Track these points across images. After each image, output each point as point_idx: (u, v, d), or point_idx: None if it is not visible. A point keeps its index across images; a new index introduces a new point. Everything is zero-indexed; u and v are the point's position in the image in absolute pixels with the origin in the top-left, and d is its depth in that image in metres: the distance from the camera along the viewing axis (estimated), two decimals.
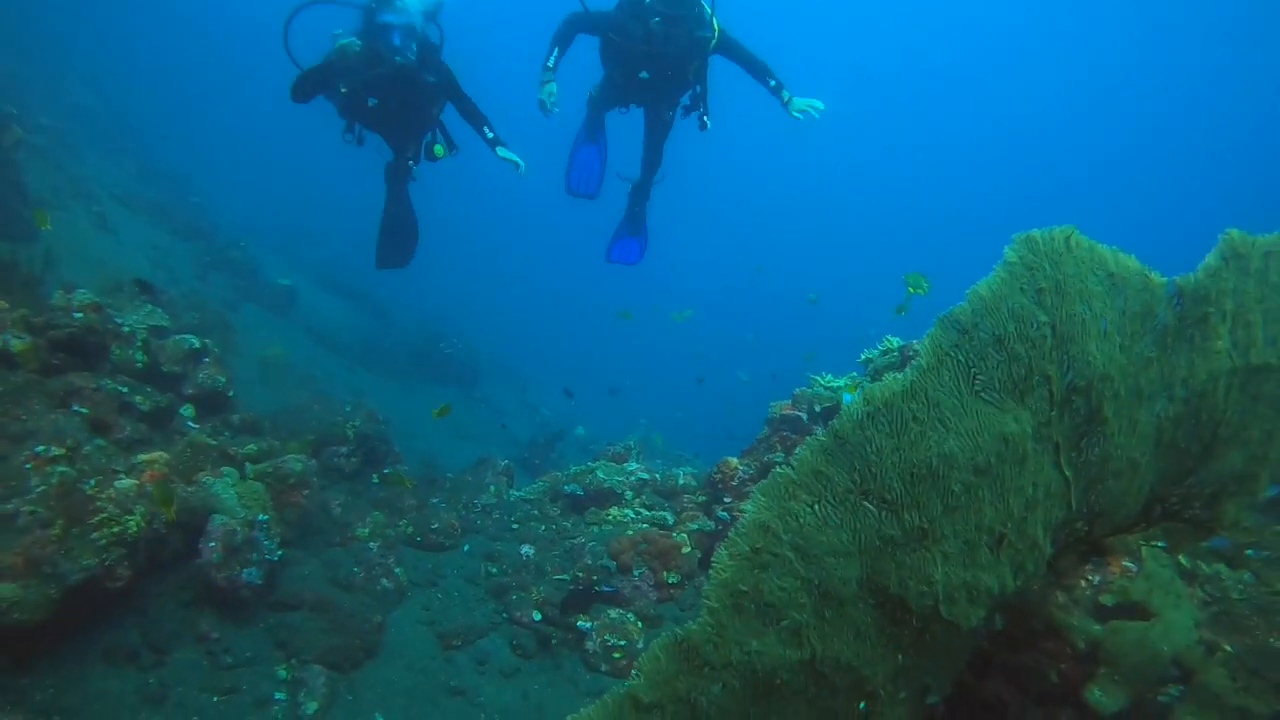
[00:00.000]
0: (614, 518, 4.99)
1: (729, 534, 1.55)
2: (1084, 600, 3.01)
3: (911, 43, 32.97)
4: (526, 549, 4.80)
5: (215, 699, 3.56)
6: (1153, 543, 2.40)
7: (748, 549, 1.52)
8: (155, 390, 4.82)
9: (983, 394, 1.63)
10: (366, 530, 4.67)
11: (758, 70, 5.39)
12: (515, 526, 5.16)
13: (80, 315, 4.55)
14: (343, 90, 4.91)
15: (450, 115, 5.54)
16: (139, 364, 4.86)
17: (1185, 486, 2.18)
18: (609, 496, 5.22)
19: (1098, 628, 2.61)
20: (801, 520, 1.52)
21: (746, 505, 1.55)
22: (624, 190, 6.40)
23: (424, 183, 5.87)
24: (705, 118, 5.63)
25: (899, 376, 1.55)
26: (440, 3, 5.34)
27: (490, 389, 13.95)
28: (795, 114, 5.32)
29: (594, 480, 5.32)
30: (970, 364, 1.60)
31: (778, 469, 1.53)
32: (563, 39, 5.36)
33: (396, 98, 5.01)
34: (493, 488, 5.56)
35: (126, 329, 4.96)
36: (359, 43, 4.79)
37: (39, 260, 5.13)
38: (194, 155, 16.77)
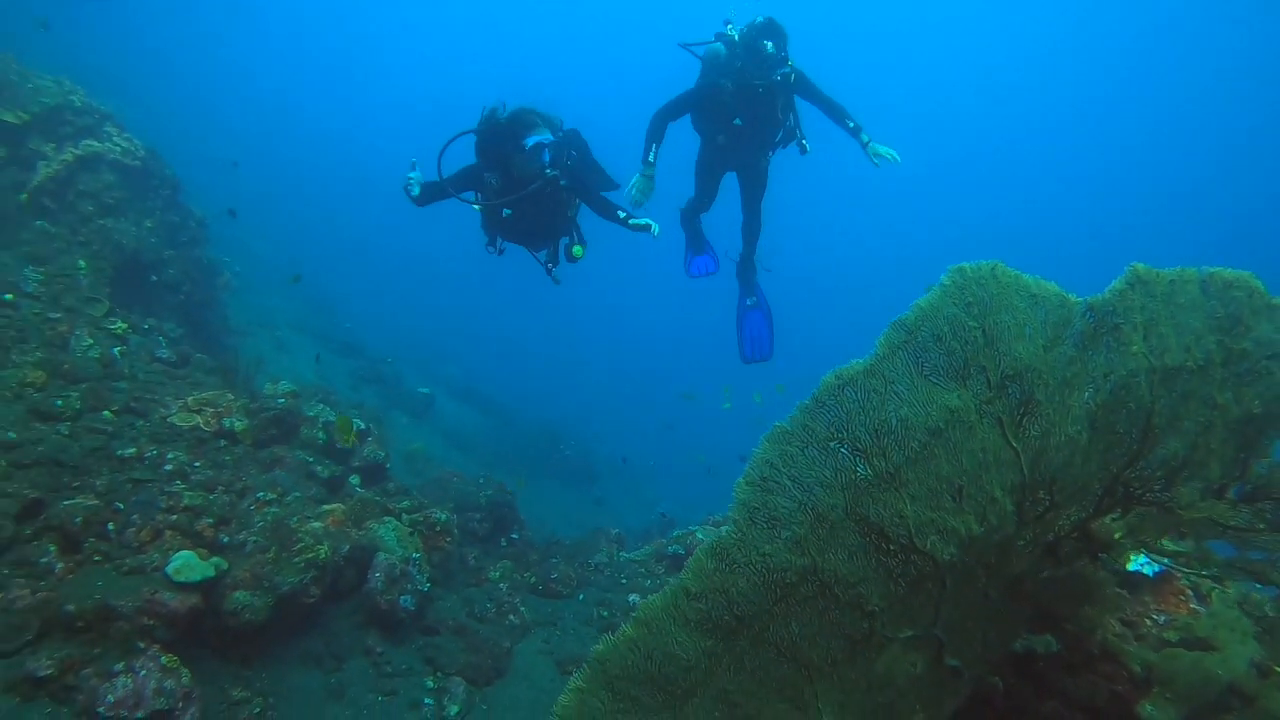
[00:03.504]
0: None
1: (745, 469, 2.25)
2: (1150, 637, 3.36)
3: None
4: (634, 597, 5.47)
5: (380, 699, 4.38)
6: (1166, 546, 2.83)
7: (758, 478, 2.21)
8: (332, 462, 5.92)
9: (930, 377, 2.28)
10: (497, 574, 5.50)
11: (835, 112, 5.53)
12: (624, 581, 5.84)
13: (283, 400, 5.75)
14: (477, 205, 5.07)
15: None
16: (320, 440, 6.00)
17: (1139, 469, 2.68)
18: None
19: (1154, 654, 3.00)
20: (794, 459, 2.21)
21: (756, 449, 2.25)
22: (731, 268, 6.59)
23: (545, 288, 5.97)
24: (804, 142, 5.75)
25: (860, 360, 2.25)
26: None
27: (607, 489, 14.80)
28: (874, 160, 5.41)
29: (694, 540, 5.96)
30: (918, 355, 2.26)
31: (776, 423, 2.24)
32: (655, 132, 5.59)
33: (534, 206, 5.04)
34: (605, 550, 6.29)
35: (311, 414, 6.14)
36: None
37: (253, 364, 6.44)
38: (346, 285, 19.02)
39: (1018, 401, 2.42)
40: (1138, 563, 2.98)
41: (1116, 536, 2.87)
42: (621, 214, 5.17)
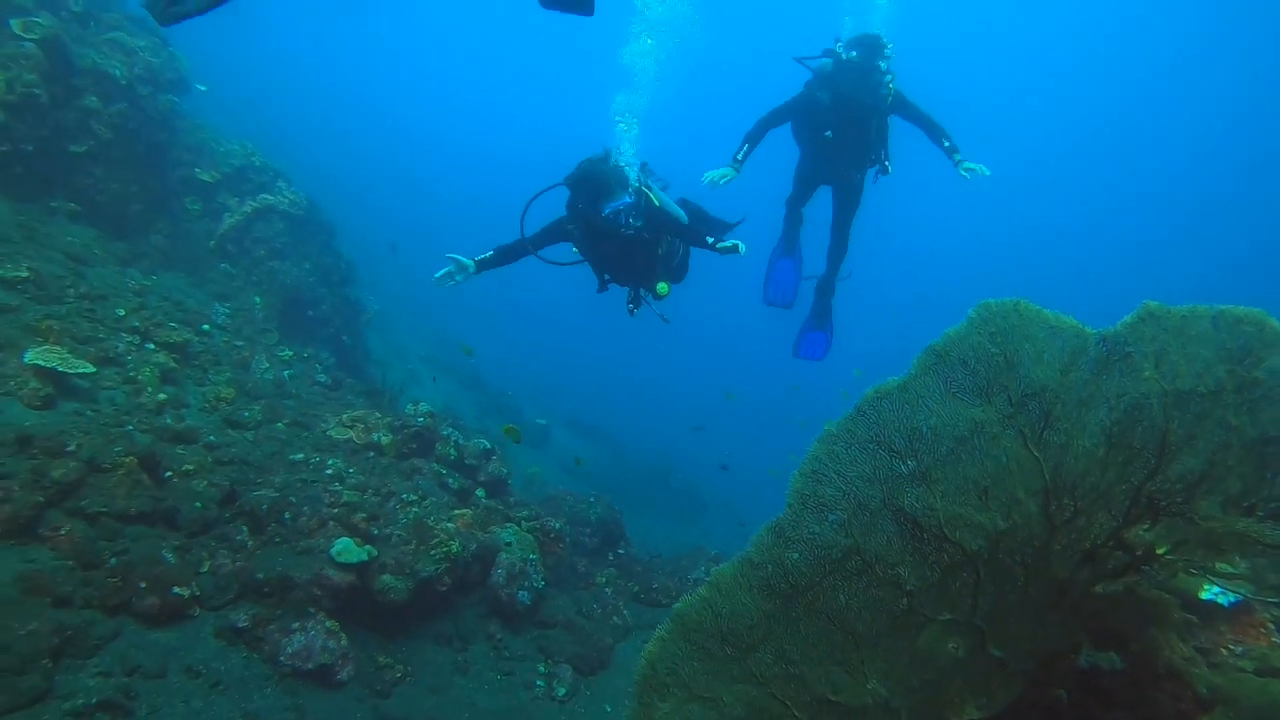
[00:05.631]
0: None
1: (800, 464, 2.76)
2: (1225, 665, 3.57)
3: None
4: None
5: (499, 677, 5.05)
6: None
7: (810, 471, 2.71)
8: (461, 475, 6.72)
9: (957, 394, 2.72)
10: (604, 580, 6.11)
11: (933, 130, 5.63)
12: None
13: (421, 420, 6.62)
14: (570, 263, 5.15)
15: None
16: (452, 456, 6.81)
17: (1159, 482, 2.99)
18: None
19: (1220, 677, 3.24)
20: (840, 456, 2.70)
21: (809, 448, 2.77)
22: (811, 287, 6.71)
23: (655, 326, 5.94)
24: (887, 164, 5.88)
25: (896, 378, 2.74)
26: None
27: (712, 521, 15.24)
28: (963, 172, 5.48)
29: None
30: (946, 375, 2.71)
31: (826, 426, 2.75)
32: (754, 136, 5.76)
33: (619, 254, 5.09)
34: (703, 567, 6.79)
35: (445, 433, 6.98)
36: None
37: (397, 387, 7.38)
38: (471, 325, 20.34)
39: (1038, 416, 2.79)
40: (1211, 592, 3.20)
41: (1160, 552, 3.15)
42: (710, 239, 5.08)
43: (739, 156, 5.73)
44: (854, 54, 5.48)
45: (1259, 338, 2.83)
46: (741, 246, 4.99)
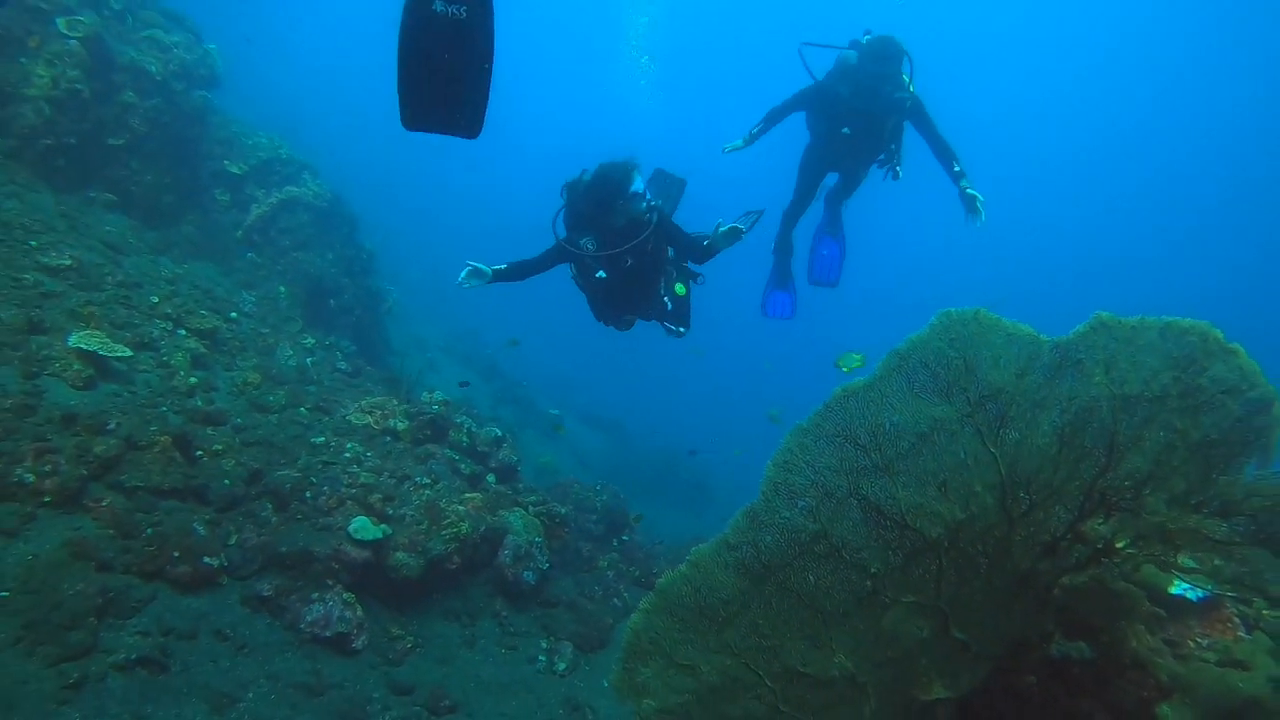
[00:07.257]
0: None
1: (773, 454, 3.03)
2: (1191, 657, 3.78)
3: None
4: None
5: (503, 651, 5.36)
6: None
7: (782, 461, 2.97)
8: (473, 461, 7.03)
9: (920, 394, 2.97)
10: (606, 563, 6.42)
11: (944, 152, 5.54)
12: None
13: (436, 407, 6.93)
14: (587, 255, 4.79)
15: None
16: (464, 443, 7.13)
17: (1109, 479, 3.22)
18: None
19: (1181, 667, 3.46)
20: (809, 448, 2.97)
21: (782, 441, 3.03)
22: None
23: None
24: (898, 168, 5.89)
25: (862, 379, 3.00)
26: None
27: (718, 515, 15.49)
28: (968, 212, 5.34)
29: None
30: (909, 377, 2.96)
31: (797, 422, 3.02)
32: (769, 117, 5.81)
33: (632, 258, 4.79)
34: None
35: (458, 421, 7.30)
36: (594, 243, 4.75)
37: (414, 375, 7.71)
38: (488, 317, 20.65)
39: (994, 416, 3.00)
40: (1180, 588, 3.42)
41: (1120, 545, 3.37)
42: (705, 242, 4.79)
43: (754, 131, 5.83)
44: (876, 51, 5.45)
45: (1203, 347, 3.00)
46: (741, 224, 4.69)
